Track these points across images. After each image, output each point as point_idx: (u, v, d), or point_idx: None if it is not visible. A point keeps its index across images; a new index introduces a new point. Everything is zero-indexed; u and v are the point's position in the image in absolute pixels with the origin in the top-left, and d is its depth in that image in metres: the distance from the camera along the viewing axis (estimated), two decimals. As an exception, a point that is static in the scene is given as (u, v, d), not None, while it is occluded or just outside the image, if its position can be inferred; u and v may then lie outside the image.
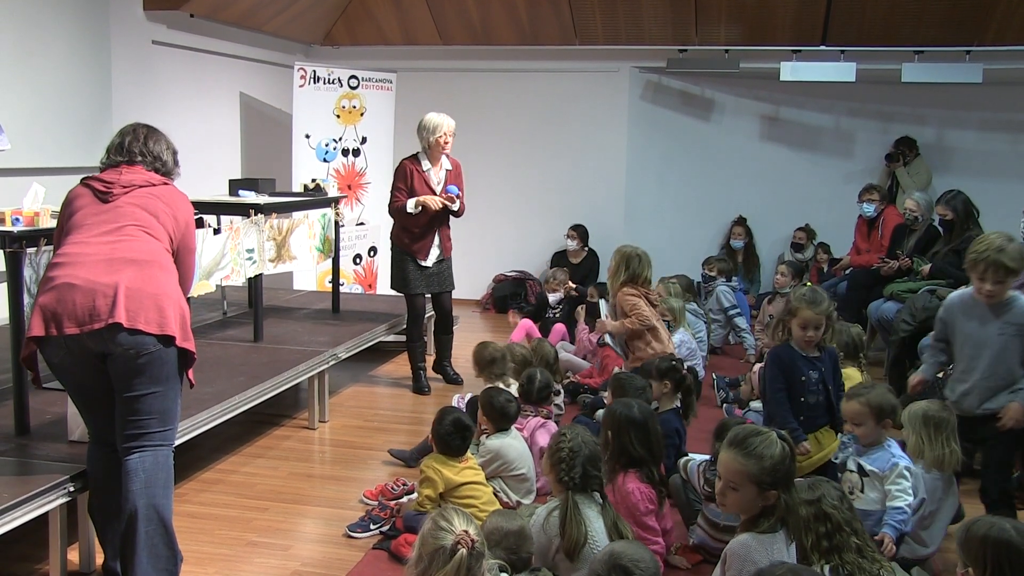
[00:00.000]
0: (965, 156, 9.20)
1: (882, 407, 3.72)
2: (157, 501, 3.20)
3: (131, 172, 3.42)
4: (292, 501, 4.45)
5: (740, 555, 2.81)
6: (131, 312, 3.11)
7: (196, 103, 7.90)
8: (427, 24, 9.23)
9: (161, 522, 3.20)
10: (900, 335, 6.06)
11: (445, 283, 6.29)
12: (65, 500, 3.46)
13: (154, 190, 3.40)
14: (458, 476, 4.00)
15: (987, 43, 8.23)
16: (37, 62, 6.04)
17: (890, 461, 3.66)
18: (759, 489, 2.84)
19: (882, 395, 3.77)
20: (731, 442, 2.91)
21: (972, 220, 6.49)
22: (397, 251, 6.21)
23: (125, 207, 3.32)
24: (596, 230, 9.44)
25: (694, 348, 6.21)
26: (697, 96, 9.78)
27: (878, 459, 3.69)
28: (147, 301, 3.16)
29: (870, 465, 3.69)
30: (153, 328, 3.15)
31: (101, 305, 3.10)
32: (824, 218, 9.40)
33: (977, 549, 2.48)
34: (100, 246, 3.21)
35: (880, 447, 3.74)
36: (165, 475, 3.28)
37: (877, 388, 3.85)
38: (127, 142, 3.50)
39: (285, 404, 5.94)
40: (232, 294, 6.88)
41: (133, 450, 3.22)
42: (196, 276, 4.92)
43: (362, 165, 8.76)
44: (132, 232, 3.28)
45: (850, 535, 3.04)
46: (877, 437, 3.75)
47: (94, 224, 3.28)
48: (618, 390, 4.35)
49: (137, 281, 3.16)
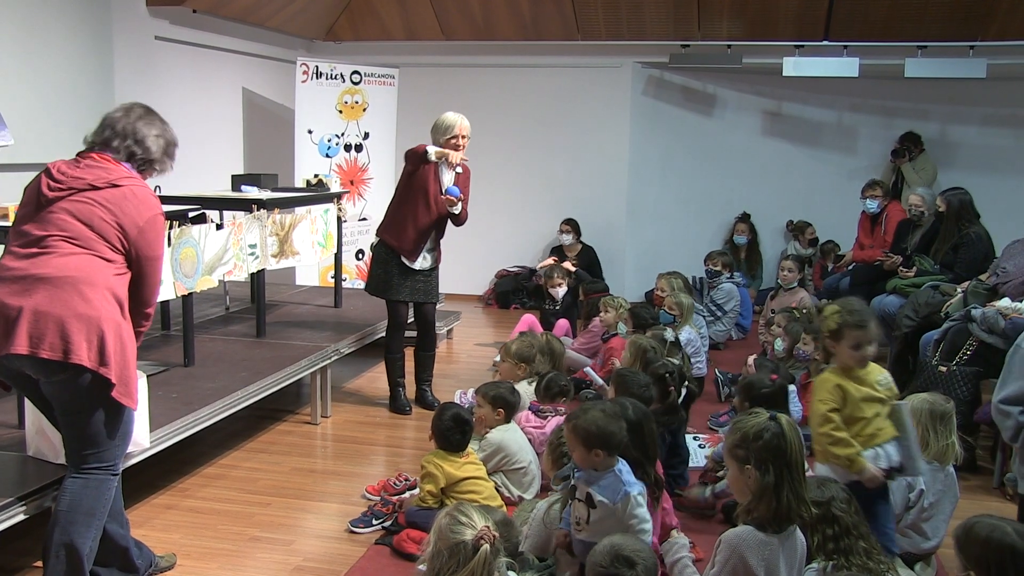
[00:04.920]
0: (969, 152, 9.17)
1: (589, 433, 3.26)
2: (71, 536, 3.06)
3: (88, 166, 3.21)
4: (295, 496, 4.45)
5: (732, 545, 2.80)
6: (34, 338, 2.94)
7: (199, 98, 7.89)
8: (429, 19, 9.22)
9: (69, 559, 3.07)
10: (903, 331, 6.05)
11: (431, 294, 5.75)
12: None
13: (97, 194, 3.14)
14: (459, 471, 3.99)
15: (991, 38, 8.20)
16: (40, 58, 6.04)
17: (622, 491, 3.24)
18: (738, 464, 2.86)
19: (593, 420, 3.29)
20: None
21: (965, 218, 6.49)
22: (383, 250, 5.64)
23: (56, 214, 3.10)
24: (598, 226, 9.44)
25: (699, 346, 6.20)
26: (699, 91, 9.77)
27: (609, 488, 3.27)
28: (52, 325, 2.96)
29: (600, 495, 3.25)
30: (56, 355, 2.95)
31: (4, 331, 2.96)
32: (826, 214, 9.39)
33: (979, 552, 2.47)
34: (21, 260, 3.06)
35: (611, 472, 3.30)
36: (91, 502, 3.12)
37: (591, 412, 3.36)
38: (112, 119, 3.33)
39: (287, 399, 5.94)
40: (234, 289, 6.89)
41: (71, 471, 3.17)
42: (198, 271, 4.93)
43: (364, 160, 8.76)
44: (55, 244, 3.06)
45: (857, 539, 3.03)
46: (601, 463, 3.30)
47: (23, 234, 3.12)
48: (621, 387, 4.34)
49: (45, 303, 2.97)
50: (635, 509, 3.20)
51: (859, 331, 3.46)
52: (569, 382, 4.95)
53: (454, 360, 7.32)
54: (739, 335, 7.87)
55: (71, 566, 3.08)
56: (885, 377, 3.57)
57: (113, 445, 3.19)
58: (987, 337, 5.07)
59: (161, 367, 4.98)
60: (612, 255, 9.50)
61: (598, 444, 3.24)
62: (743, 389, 4.34)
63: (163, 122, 3.42)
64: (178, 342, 5.29)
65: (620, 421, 3.34)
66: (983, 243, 6.45)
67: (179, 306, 5.17)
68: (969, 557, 2.50)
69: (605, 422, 3.26)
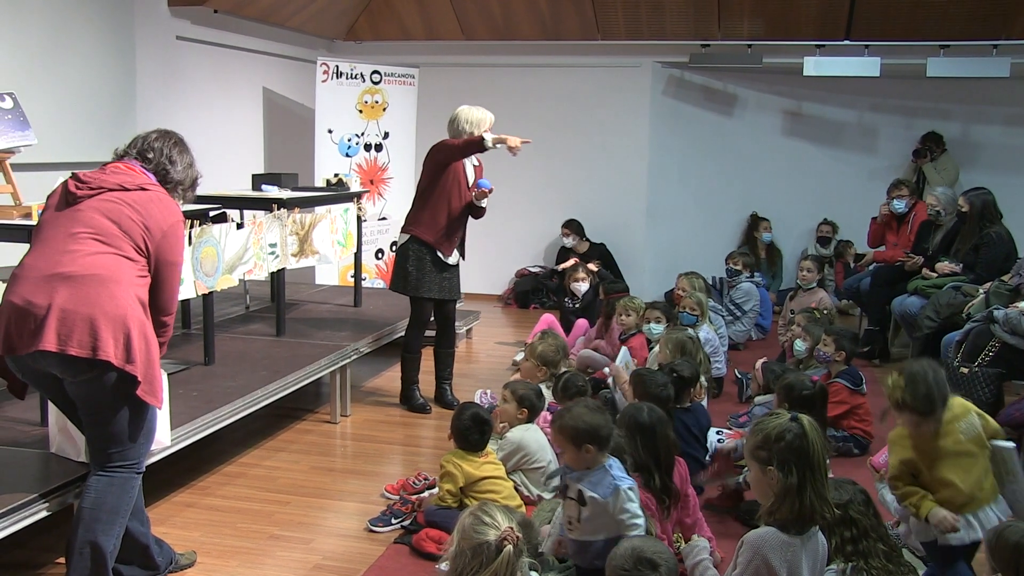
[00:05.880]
0: (991, 151, 9.10)
1: (577, 430, 3.27)
2: (96, 534, 3.09)
3: (116, 171, 3.25)
4: (314, 495, 4.47)
5: (754, 546, 2.78)
6: (62, 336, 2.96)
7: (219, 98, 7.94)
8: (449, 19, 9.23)
9: (93, 558, 3.09)
10: (924, 331, 6.01)
11: (455, 290, 5.71)
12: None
13: (126, 195, 3.18)
14: (478, 471, 4.00)
15: (1015, 36, 8.13)
16: (63, 58, 6.08)
17: (611, 485, 3.22)
18: (760, 466, 2.83)
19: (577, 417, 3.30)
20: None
21: (988, 218, 6.44)
22: (416, 246, 5.52)
23: (85, 212, 3.13)
24: (617, 225, 9.44)
25: (717, 345, 6.18)
26: (720, 91, 9.74)
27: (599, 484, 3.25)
28: (80, 323, 2.97)
29: (590, 491, 3.22)
30: (85, 352, 2.97)
31: (32, 328, 2.98)
32: (847, 214, 9.34)
33: (1009, 556, 2.46)
34: (47, 258, 3.07)
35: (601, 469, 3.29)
36: (115, 500, 3.15)
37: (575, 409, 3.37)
38: (148, 137, 3.39)
39: (307, 398, 5.96)
40: (254, 288, 6.92)
41: (95, 469, 3.19)
42: (219, 270, 4.96)
43: (384, 160, 8.78)
44: (83, 241, 3.09)
45: (876, 541, 3.01)
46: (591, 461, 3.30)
47: (50, 232, 3.15)
48: (639, 387, 4.33)
49: (72, 300, 2.99)
50: (626, 503, 3.19)
51: (920, 419, 3.19)
52: (587, 382, 4.95)
53: (474, 360, 7.32)
54: (759, 335, 7.83)
55: (95, 564, 3.10)
56: (968, 423, 3.23)
57: (138, 444, 3.22)
58: (1009, 338, 5.04)
59: (182, 366, 5.01)
60: (630, 255, 9.48)
61: (588, 439, 3.25)
62: (783, 390, 4.30)
63: (192, 155, 3.51)
64: (198, 341, 5.32)
65: (605, 414, 3.37)
66: (1005, 243, 6.40)
67: (199, 305, 5.20)
68: (999, 561, 2.49)
69: (591, 417, 3.28)
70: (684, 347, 5.00)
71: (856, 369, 5.32)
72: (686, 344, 5.03)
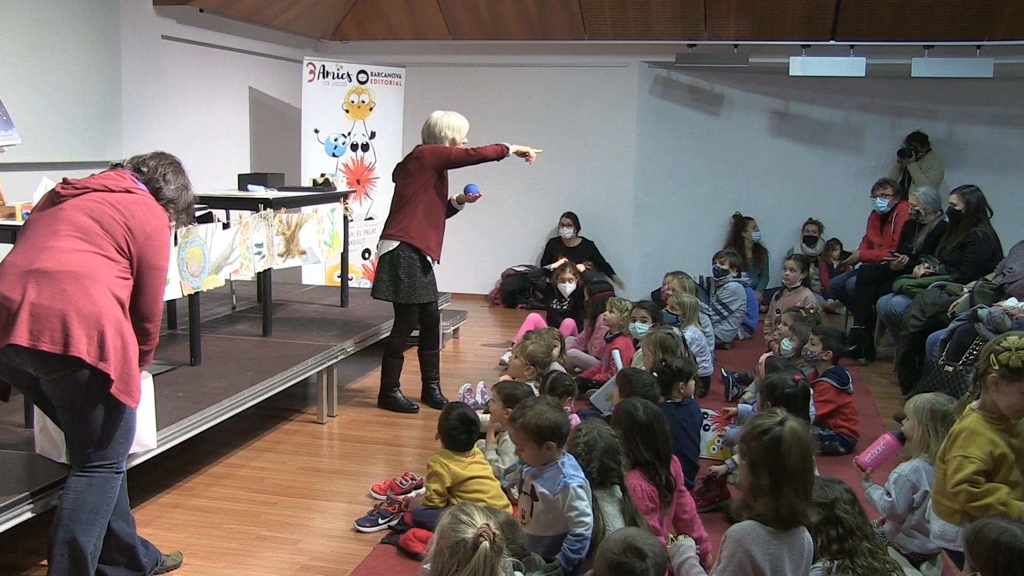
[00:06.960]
0: (976, 151, 9.16)
1: (540, 428, 3.29)
2: (75, 534, 3.07)
3: (106, 176, 3.25)
4: (301, 495, 4.46)
5: (736, 539, 2.78)
6: (34, 331, 2.93)
7: (205, 98, 7.91)
8: (436, 19, 9.22)
9: (72, 558, 3.07)
10: (909, 330, 6.04)
11: (436, 291, 5.76)
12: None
13: (110, 196, 3.17)
14: (465, 470, 3.99)
15: (998, 37, 8.18)
16: (47, 57, 6.05)
17: (561, 483, 3.23)
18: (741, 457, 2.85)
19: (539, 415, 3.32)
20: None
21: (980, 217, 6.47)
22: (409, 253, 5.48)
23: (67, 211, 3.12)
24: (605, 224, 9.46)
25: (704, 345, 6.19)
26: (706, 91, 9.76)
27: (550, 481, 3.28)
28: (53, 319, 2.95)
29: (541, 487, 3.26)
30: (56, 348, 2.94)
31: (4, 323, 2.95)
32: (834, 213, 9.39)
33: (988, 554, 2.47)
34: (27, 255, 3.06)
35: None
36: (95, 500, 3.12)
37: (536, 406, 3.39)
38: (144, 156, 3.39)
39: (294, 398, 5.95)
40: (241, 288, 6.90)
41: (75, 470, 3.17)
42: (205, 270, 4.94)
43: (371, 160, 8.76)
44: (63, 238, 3.07)
45: (862, 539, 3.02)
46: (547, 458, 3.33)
47: (32, 231, 3.14)
48: (625, 387, 4.33)
49: (46, 296, 2.96)
50: (574, 501, 3.21)
51: None
52: (574, 381, 4.95)
53: (461, 360, 7.32)
54: (746, 335, 7.86)
55: (75, 564, 3.09)
56: None
57: (115, 443, 3.19)
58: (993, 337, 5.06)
59: (167, 366, 4.99)
60: (618, 254, 9.50)
61: (550, 436, 3.29)
62: (766, 388, 4.33)
63: (188, 182, 3.51)
64: (184, 341, 5.30)
65: (564, 412, 3.42)
66: (990, 242, 6.43)
67: (185, 305, 5.18)
68: (978, 558, 2.50)
69: (552, 414, 3.32)
70: (664, 344, 5.00)
71: (843, 368, 5.34)
72: (666, 341, 5.03)
